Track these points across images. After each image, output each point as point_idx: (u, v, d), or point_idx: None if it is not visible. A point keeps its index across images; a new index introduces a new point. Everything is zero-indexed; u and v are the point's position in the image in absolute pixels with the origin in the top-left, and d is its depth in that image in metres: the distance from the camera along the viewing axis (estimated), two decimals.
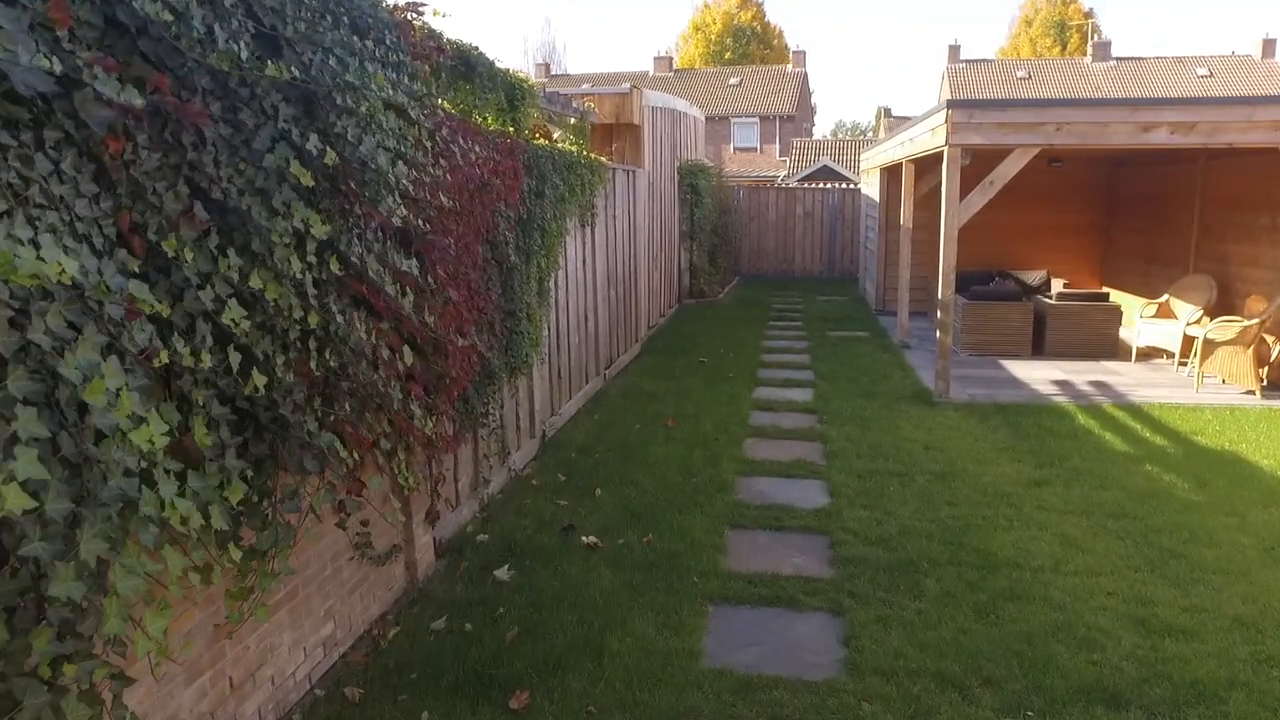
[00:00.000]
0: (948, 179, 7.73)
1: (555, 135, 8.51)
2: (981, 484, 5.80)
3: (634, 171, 10.35)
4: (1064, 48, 48.25)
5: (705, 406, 7.93)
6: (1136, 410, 7.69)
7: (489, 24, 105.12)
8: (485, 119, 5.79)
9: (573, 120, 8.40)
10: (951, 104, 7.58)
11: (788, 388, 8.81)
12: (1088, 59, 39.97)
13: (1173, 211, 10.90)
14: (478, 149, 4.93)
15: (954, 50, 40.92)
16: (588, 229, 8.15)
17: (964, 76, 39.69)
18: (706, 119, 41.02)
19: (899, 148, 10.87)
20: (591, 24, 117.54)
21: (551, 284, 7.03)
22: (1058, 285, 12.68)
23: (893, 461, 6.31)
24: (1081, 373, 9.42)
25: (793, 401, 8.17)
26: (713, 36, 54.25)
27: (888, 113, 43.08)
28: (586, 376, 8.34)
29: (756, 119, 41.78)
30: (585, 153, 8.05)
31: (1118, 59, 39.44)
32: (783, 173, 34.32)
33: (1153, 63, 38.85)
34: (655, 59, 44.52)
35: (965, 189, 7.74)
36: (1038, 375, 9.30)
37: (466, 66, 5.27)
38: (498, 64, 5.75)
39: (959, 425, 7.28)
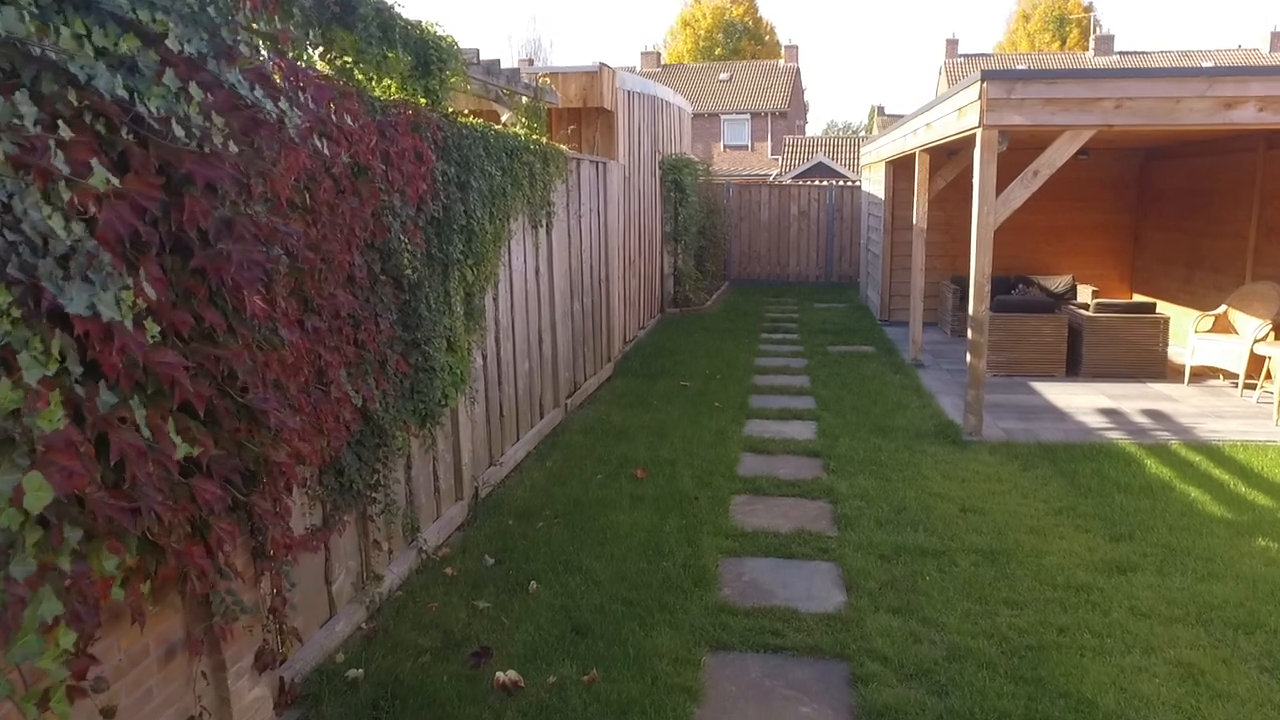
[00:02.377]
0: (981, 169, 6.28)
1: (505, 118, 7.04)
2: (1046, 569, 4.35)
3: (604, 164, 8.88)
4: (1063, 43, 47.00)
5: (685, 448, 6.46)
6: (1215, 452, 6.25)
7: (473, 20, 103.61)
8: (375, 83, 4.32)
9: (524, 100, 6.94)
10: (988, 75, 6.14)
11: (785, 420, 7.35)
12: (1089, 53, 38.70)
13: (1223, 209, 9.49)
14: (349, 120, 3.46)
15: (951, 44, 39.61)
16: (541, 230, 6.68)
17: (962, 71, 38.31)
18: (695, 115, 39.63)
19: (911, 136, 9.43)
20: (578, 20, 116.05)
21: (488, 300, 5.56)
22: (1084, 292, 11.28)
23: (924, 531, 4.85)
24: (1130, 398, 7.99)
25: (792, 440, 6.70)
26: (702, 32, 52.81)
27: (881, 111, 41.73)
28: (541, 410, 6.86)
29: (748, 115, 40.34)
30: (537, 138, 6.59)
31: (1120, 53, 38.18)
32: (775, 171, 32.89)
33: (1157, 57, 37.60)
34: (642, 54, 43.03)
35: (1000, 181, 6.30)
36: (1079, 402, 7.86)
37: (343, 7, 3.79)
38: (401, 11, 4.29)
39: (999, 474, 5.83)
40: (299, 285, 3.17)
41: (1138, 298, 12.01)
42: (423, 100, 4.62)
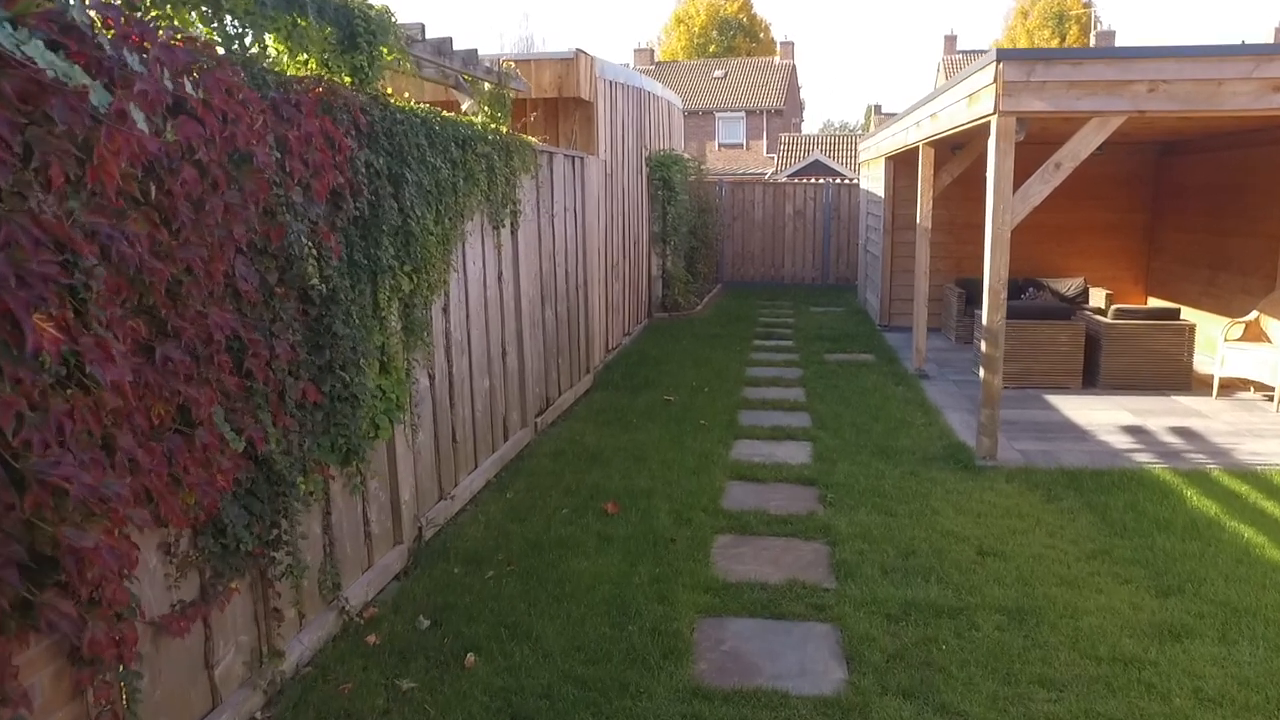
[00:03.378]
0: (997, 162, 5.58)
1: (465, 106, 6.33)
2: (1085, 634, 3.65)
3: (582, 159, 8.17)
4: (1063, 39, 46.35)
5: (664, 476, 5.76)
6: (1262, 481, 5.55)
7: (465, 19, 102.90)
8: (291, 59, 3.62)
9: (487, 87, 6.22)
10: (1004, 55, 5.44)
11: (777, 441, 6.65)
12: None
13: (1254, 206, 8.80)
14: (231, 96, 2.74)
15: (950, 41, 38.95)
16: (503, 231, 5.97)
17: (961, 68, 37.65)
18: (689, 114, 38.97)
19: (914, 129, 8.73)
20: (571, 18, 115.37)
21: (435, 311, 4.86)
22: (1097, 296, 10.61)
23: (937, 583, 4.15)
24: (1155, 414, 7.30)
25: (784, 465, 6.00)
26: (696, 29, 52.10)
27: (878, 110, 41.01)
28: (505, 431, 6.15)
29: (742, 113, 39.64)
30: (497, 127, 5.88)
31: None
32: (771, 170, 32.19)
33: None
34: (635, 51, 42.30)
35: (1017, 175, 5.61)
36: (1100, 418, 7.17)
37: None
38: None
39: (1019, 507, 5.13)
40: (144, 303, 2.47)
41: (1153, 301, 11.34)
42: (348, 80, 3.91)
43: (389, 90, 4.42)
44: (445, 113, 5.07)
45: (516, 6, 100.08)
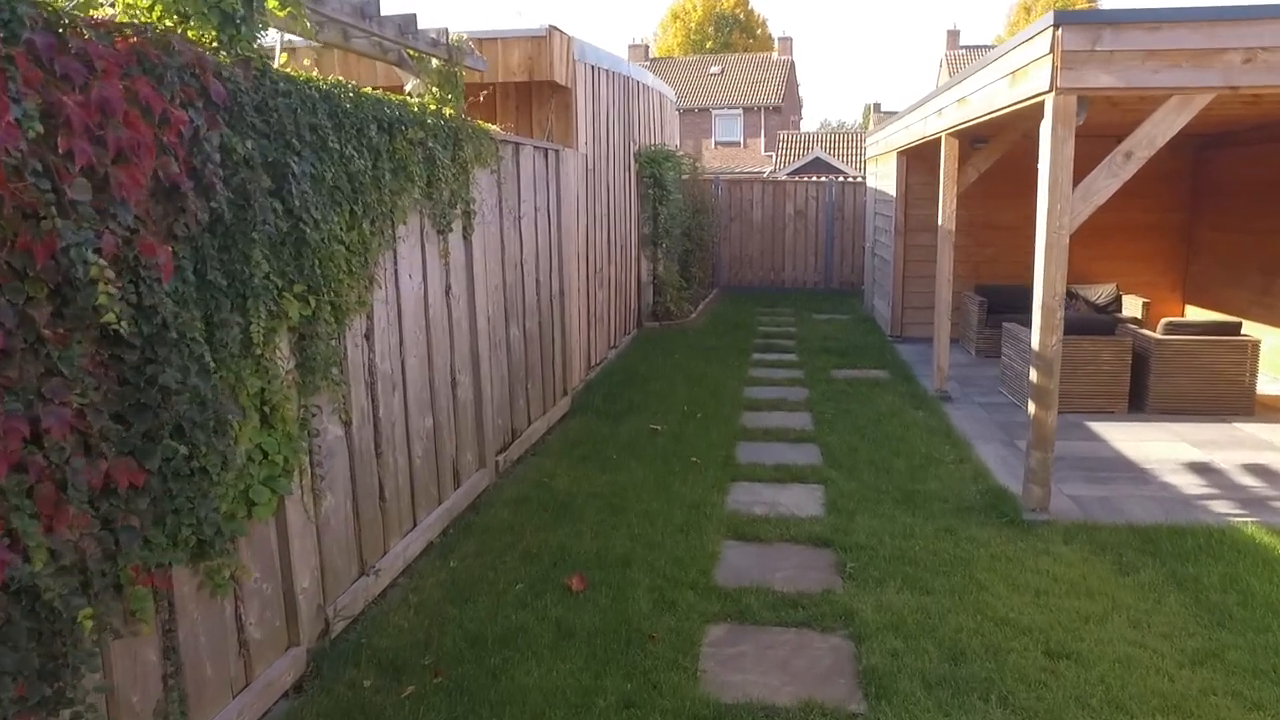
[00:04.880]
0: (1054, 150, 4.55)
1: (408, 87, 5.30)
2: None
3: (558, 152, 7.13)
4: None
5: (645, 534, 4.72)
6: None
7: (459, 15, 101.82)
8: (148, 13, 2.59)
9: (435, 64, 5.19)
10: (1062, 19, 4.41)
11: (782, 484, 5.61)
12: None
13: None
14: None
15: (953, 36, 37.95)
16: (451, 236, 4.94)
17: (965, 63, 36.65)
18: (685, 111, 37.97)
19: (935, 118, 7.70)
20: (566, 16, 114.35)
21: (351, 340, 3.82)
22: (1132, 305, 9.59)
23: (999, 705, 3.12)
24: (1220, 445, 6.27)
25: (792, 519, 4.97)
26: (692, 25, 51.05)
27: (877, 108, 39.92)
28: (455, 477, 5.12)
29: (740, 110, 38.59)
30: (439, 109, 4.84)
31: None
32: (769, 169, 31.15)
33: None
34: (630, 47, 41.18)
35: (1079, 170, 4.58)
36: (1157, 452, 6.14)
37: None
38: None
39: (1088, 582, 4.10)
40: None
41: (1190, 310, 10.33)
42: (214, 37, 2.86)
43: (331, 73, 3.40)
44: (377, 90, 4.03)
45: (509, 4, 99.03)
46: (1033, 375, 4.88)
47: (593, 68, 8.56)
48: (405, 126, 4.18)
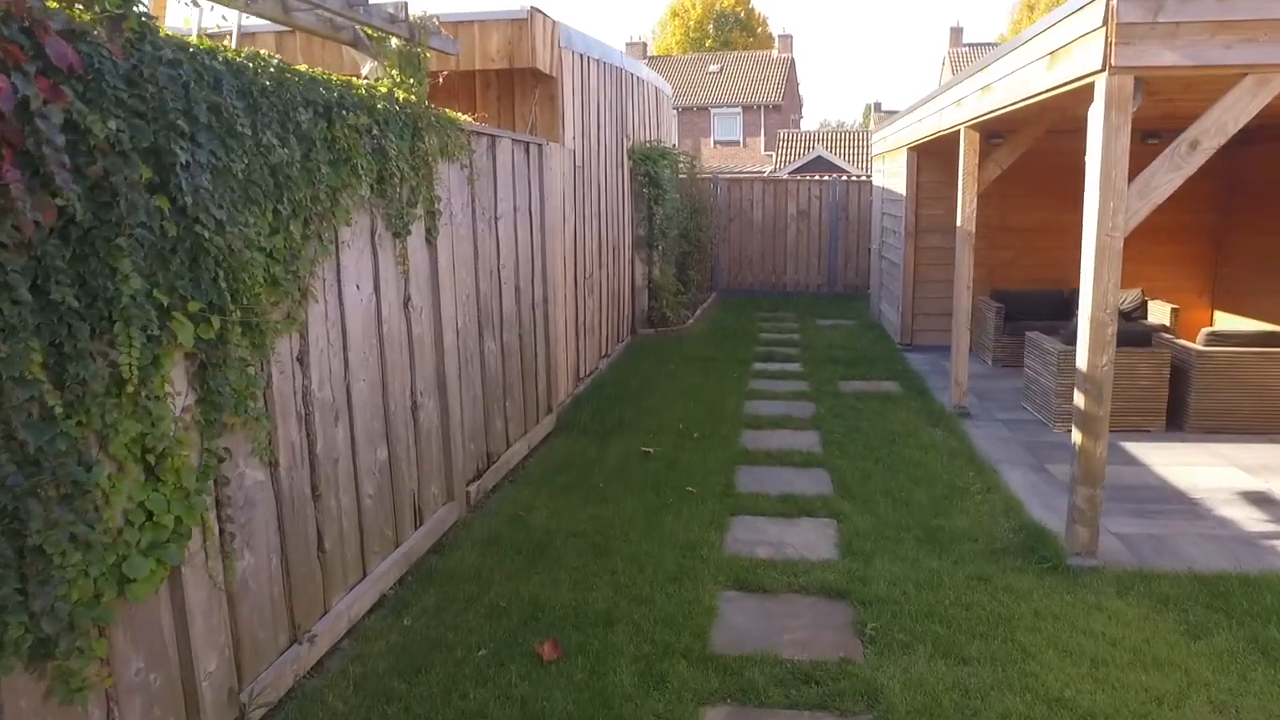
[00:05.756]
0: (1106, 140, 3.92)
1: (365, 70, 4.67)
2: None
3: (540, 146, 6.50)
4: None
5: (632, 585, 4.08)
6: None
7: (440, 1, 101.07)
8: None
9: (395, 43, 4.56)
10: None
11: (789, 518, 4.98)
12: None
13: None
14: None
15: (956, 33, 37.32)
16: (409, 239, 4.30)
17: (969, 60, 36.03)
18: (684, 109, 37.37)
19: (953, 109, 7.06)
20: (563, 14, 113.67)
21: (278, 366, 3.19)
22: (1159, 312, 8.97)
23: None
24: (1276, 471, 5.64)
25: (800, 563, 4.33)
26: (692, 23, 50.42)
27: (878, 108, 39.33)
28: (416, 515, 4.47)
29: (739, 109, 37.95)
30: (393, 92, 4.21)
31: None
32: (769, 168, 30.52)
33: None
34: (627, 45, 40.50)
35: (1136, 165, 3.95)
36: (1207, 479, 5.52)
37: None
38: None
39: (1152, 648, 3.47)
40: None
41: (1219, 316, 9.70)
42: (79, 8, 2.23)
43: (294, 62, 2.74)
44: (282, 61, 3.38)
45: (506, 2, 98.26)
46: (1078, 400, 4.25)
47: (581, 56, 7.93)
48: (347, 111, 3.55)
